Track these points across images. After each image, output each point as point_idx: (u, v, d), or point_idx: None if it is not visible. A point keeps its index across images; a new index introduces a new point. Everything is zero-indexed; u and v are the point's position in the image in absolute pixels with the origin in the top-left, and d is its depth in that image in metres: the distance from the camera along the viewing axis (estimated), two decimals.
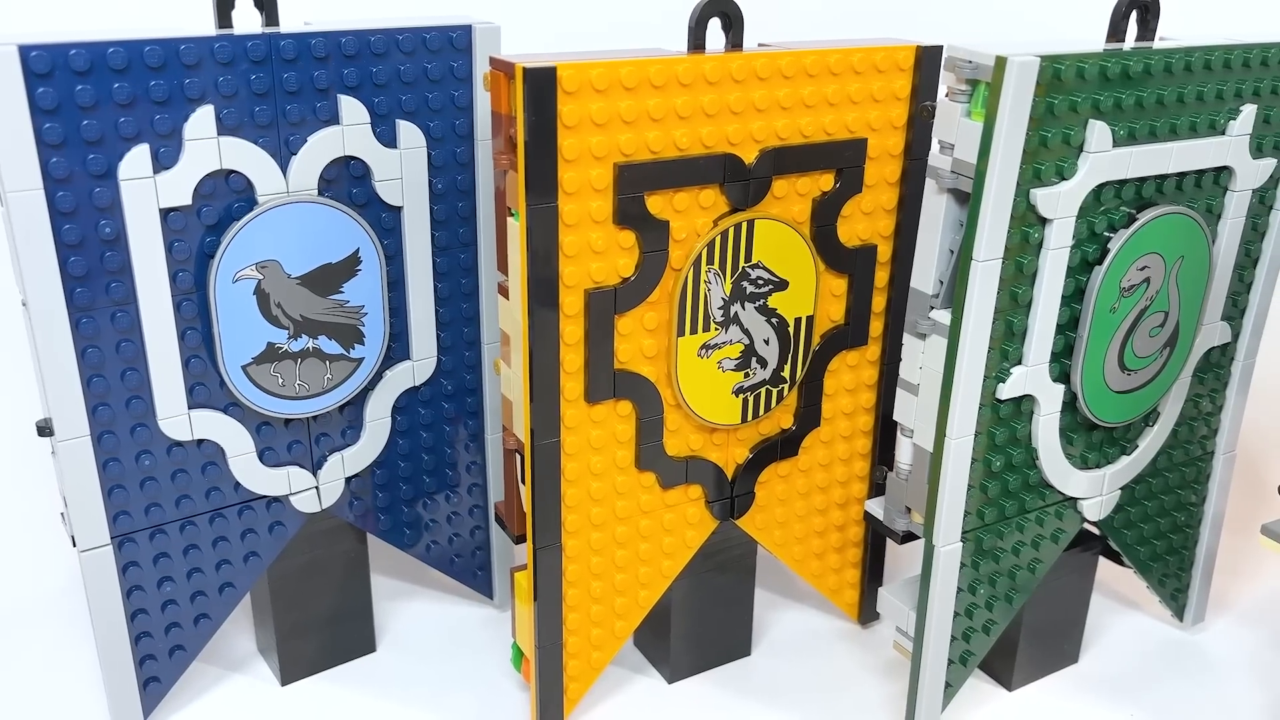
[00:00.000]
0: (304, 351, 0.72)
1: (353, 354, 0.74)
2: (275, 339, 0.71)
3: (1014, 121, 0.61)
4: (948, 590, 0.72)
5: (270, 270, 0.69)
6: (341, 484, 0.78)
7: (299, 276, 0.70)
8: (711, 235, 0.69)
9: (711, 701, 0.82)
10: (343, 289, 0.72)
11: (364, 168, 0.72)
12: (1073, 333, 0.70)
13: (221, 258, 0.68)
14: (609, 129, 0.64)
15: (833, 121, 0.71)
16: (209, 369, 0.71)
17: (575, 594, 0.74)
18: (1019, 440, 0.72)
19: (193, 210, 0.67)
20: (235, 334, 0.70)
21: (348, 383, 0.75)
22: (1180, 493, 0.83)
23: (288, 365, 0.72)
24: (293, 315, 0.71)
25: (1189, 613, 0.88)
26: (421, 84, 0.72)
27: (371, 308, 0.74)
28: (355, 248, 0.72)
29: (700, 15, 0.68)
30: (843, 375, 0.79)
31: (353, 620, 0.84)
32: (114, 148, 0.64)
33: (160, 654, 0.76)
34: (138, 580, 0.73)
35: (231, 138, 0.67)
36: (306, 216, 0.70)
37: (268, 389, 0.72)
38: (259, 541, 0.76)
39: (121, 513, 0.71)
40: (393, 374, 0.78)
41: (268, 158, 0.68)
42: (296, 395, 0.73)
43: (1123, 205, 0.68)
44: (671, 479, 0.75)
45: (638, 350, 0.70)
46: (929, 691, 0.75)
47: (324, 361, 0.73)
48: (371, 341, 0.75)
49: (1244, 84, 0.70)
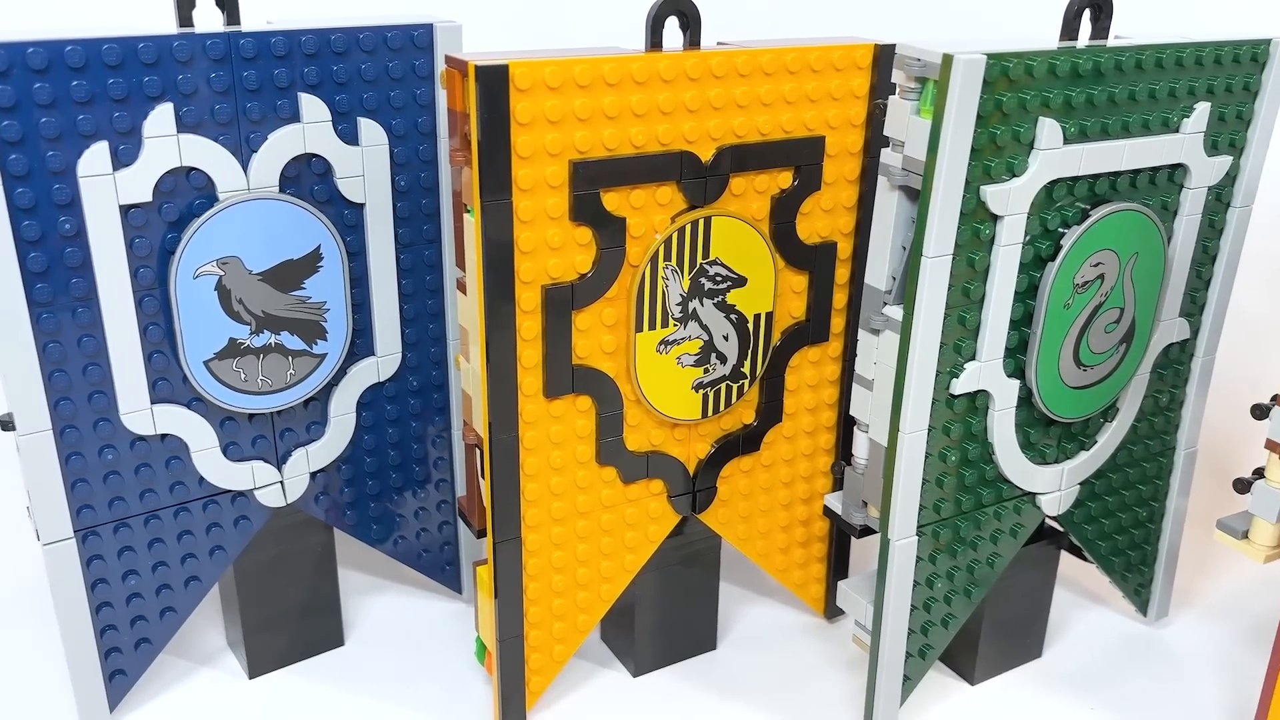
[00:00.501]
0: (266, 347, 0.73)
1: (315, 350, 0.75)
2: (237, 334, 0.72)
3: (961, 119, 0.62)
4: (904, 584, 0.73)
5: (231, 266, 0.70)
6: (306, 479, 0.78)
7: (260, 273, 0.71)
8: (669, 232, 0.70)
9: (676, 695, 0.83)
10: (304, 285, 0.73)
11: (325, 165, 0.72)
12: (1027, 328, 0.70)
13: (182, 254, 0.68)
14: (563, 126, 0.64)
15: (790, 119, 0.71)
16: (171, 364, 0.71)
17: (537, 588, 0.75)
18: (974, 435, 0.72)
19: (153, 207, 0.67)
20: (197, 329, 0.70)
21: (311, 378, 0.75)
22: (1141, 488, 0.84)
23: (250, 361, 0.72)
24: (254, 311, 0.72)
25: (1153, 608, 0.89)
26: (383, 82, 0.73)
27: (334, 304, 0.74)
28: (316, 244, 0.72)
29: (657, 14, 0.68)
30: (804, 371, 0.80)
31: (320, 614, 0.85)
32: (73, 145, 0.64)
33: (126, 647, 0.76)
34: (102, 574, 0.73)
35: (191, 135, 0.67)
36: (267, 213, 0.70)
37: (230, 384, 0.72)
38: (224, 536, 0.77)
39: (85, 507, 0.71)
40: (357, 370, 0.78)
41: (228, 155, 0.69)
42: (259, 390, 0.74)
43: (1076, 202, 0.69)
44: (632, 474, 0.75)
45: (596, 346, 0.71)
46: (887, 685, 0.76)
47: (286, 357, 0.74)
48: (334, 337, 0.75)
49: (1197, 82, 0.70)
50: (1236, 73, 0.72)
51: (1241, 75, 0.72)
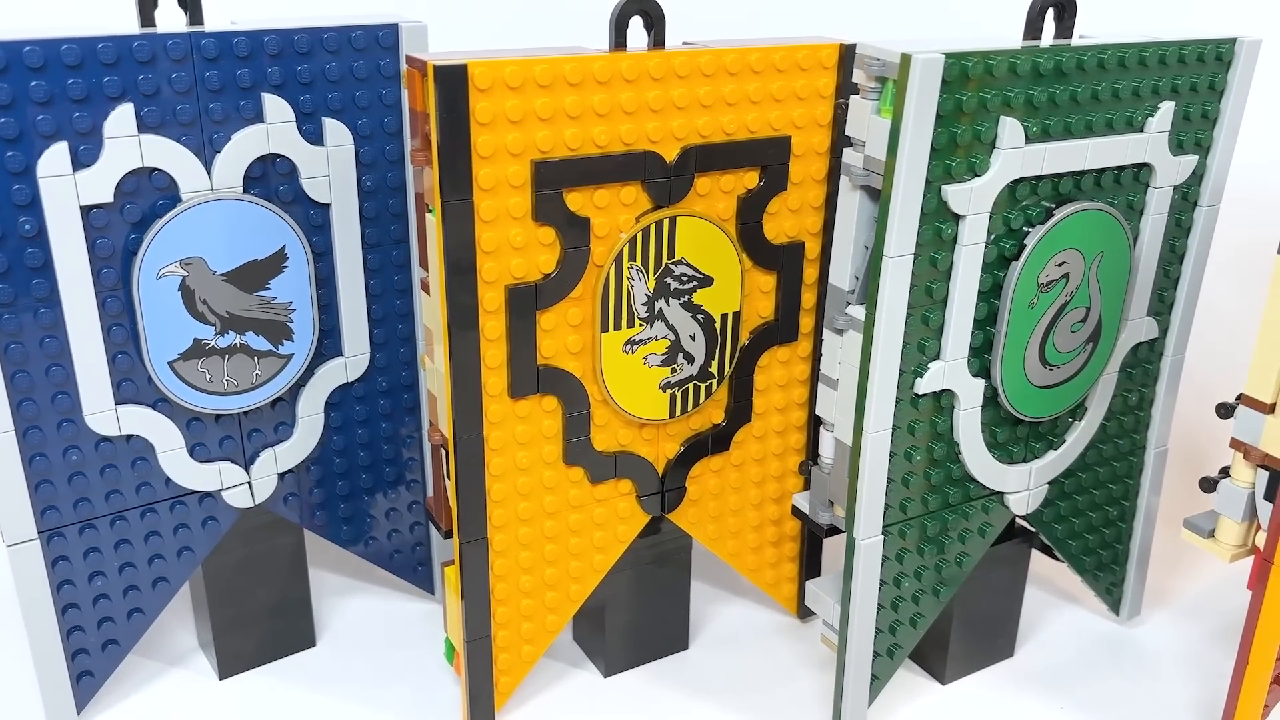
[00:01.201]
0: (231, 348, 0.73)
1: (281, 350, 0.75)
2: (202, 335, 0.71)
3: (920, 118, 0.62)
4: (870, 583, 0.73)
5: (195, 267, 0.70)
6: (275, 479, 0.78)
7: (224, 273, 0.71)
8: (634, 232, 0.70)
9: (647, 695, 0.83)
10: (270, 285, 0.73)
11: (290, 165, 0.72)
12: (992, 328, 0.70)
13: (145, 255, 0.68)
14: (524, 126, 0.64)
15: (755, 119, 0.71)
16: (135, 365, 0.71)
17: (504, 588, 0.75)
18: (940, 435, 0.72)
19: (115, 208, 0.67)
20: (161, 330, 0.70)
21: (277, 379, 0.75)
22: (1112, 487, 0.84)
23: (215, 361, 0.72)
24: (219, 311, 0.71)
25: (1125, 607, 0.89)
26: (348, 82, 0.73)
27: (300, 304, 0.74)
28: (281, 244, 0.72)
29: (621, 14, 0.68)
30: (774, 371, 0.80)
31: (291, 615, 0.84)
32: (32, 145, 0.64)
33: (93, 648, 0.76)
34: (68, 575, 0.73)
35: (153, 135, 0.67)
36: (231, 213, 0.70)
37: (195, 385, 0.72)
38: (192, 536, 0.77)
39: (49, 508, 0.71)
40: (325, 370, 0.78)
41: (191, 155, 0.69)
42: (225, 391, 0.73)
43: (1040, 201, 0.69)
44: (600, 474, 0.75)
45: (562, 346, 0.71)
46: (855, 685, 0.76)
47: (252, 358, 0.73)
48: (301, 338, 0.75)
49: (1161, 81, 0.70)
50: (1201, 72, 0.72)
51: (1206, 74, 0.72)
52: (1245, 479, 0.71)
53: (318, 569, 0.92)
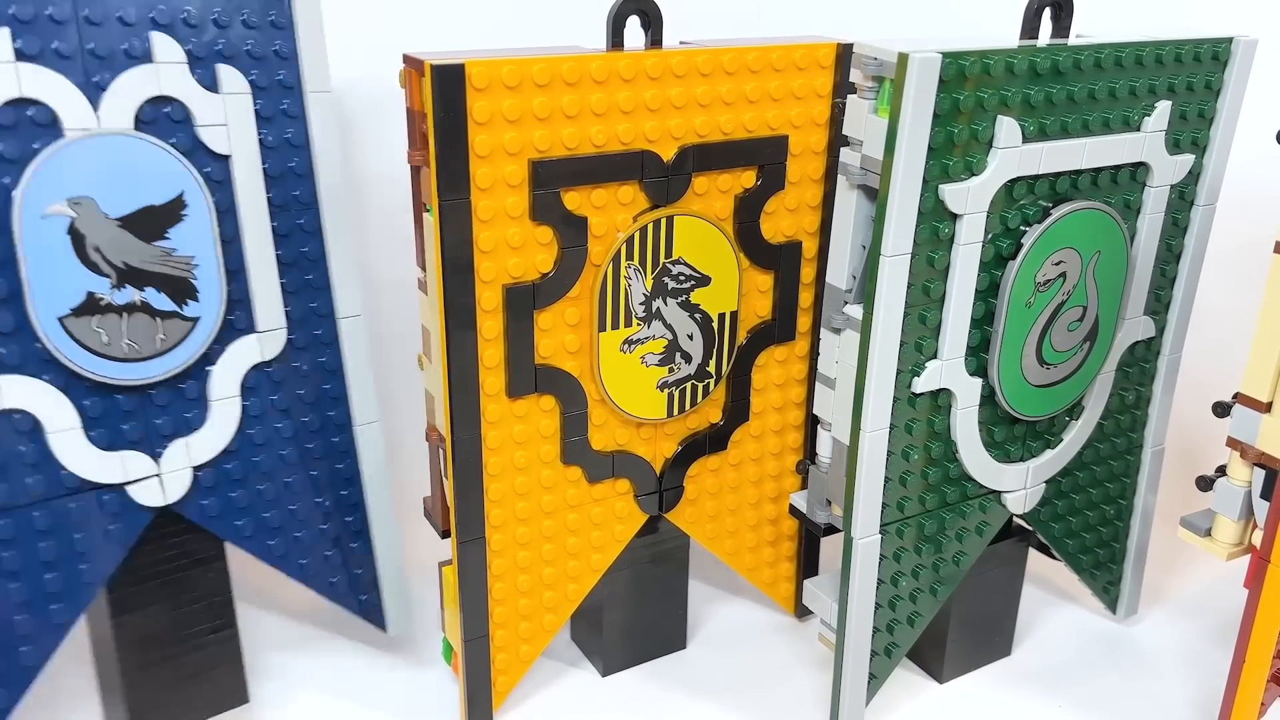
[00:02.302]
0: (130, 305, 0.65)
1: (186, 311, 0.68)
2: (96, 288, 0.64)
3: (917, 118, 0.62)
4: (868, 582, 0.73)
5: (85, 208, 0.63)
6: (189, 475, 0.70)
7: (119, 218, 0.64)
8: (631, 231, 0.70)
9: (645, 695, 0.83)
10: (169, 235, 0.66)
11: (184, 111, 0.66)
12: (989, 327, 0.70)
13: (26, 190, 0.61)
14: (522, 125, 0.64)
15: (753, 119, 0.72)
16: (19, 323, 0.63)
17: (502, 588, 0.75)
18: (938, 434, 0.72)
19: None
20: (48, 281, 0.63)
21: (184, 345, 0.68)
22: (1109, 486, 0.84)
23: (112, 320, 0.65)
24: (114, 262, 0.65)
25: (1122, 605, 0.89)
26: (237, 28, 0.67)
27: (204, 259, 0.67)
28: (179, 190, 0.66)
29: (618, 13, 0.68)
30: (771, 370, 0.80)
31: (221, 668, 0.77)
32: None
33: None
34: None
35: (32, 65, 0.61)
36: (123, 151, 0.64)
37: (90, 346, 0.65)
38: (93, 546, 0.67)
39: None
40: (237, 347, 0.71)
41: (74, 89, 0.62)
42: (125, 356, 0.66)
43: (1037, 200, 0.69)
44: (598, 473, 0.75)
45: (559, 345, 0.71)
46: (852, 683, 0.76)
47: (154, 318, 0.67)
48: (207, 299, 0.68)
49: (1158, 80, 0.70)
50: (1198, 71, 0.72)
51: (1203, 73, 0.72)
52: (1242, 477, 0.71)
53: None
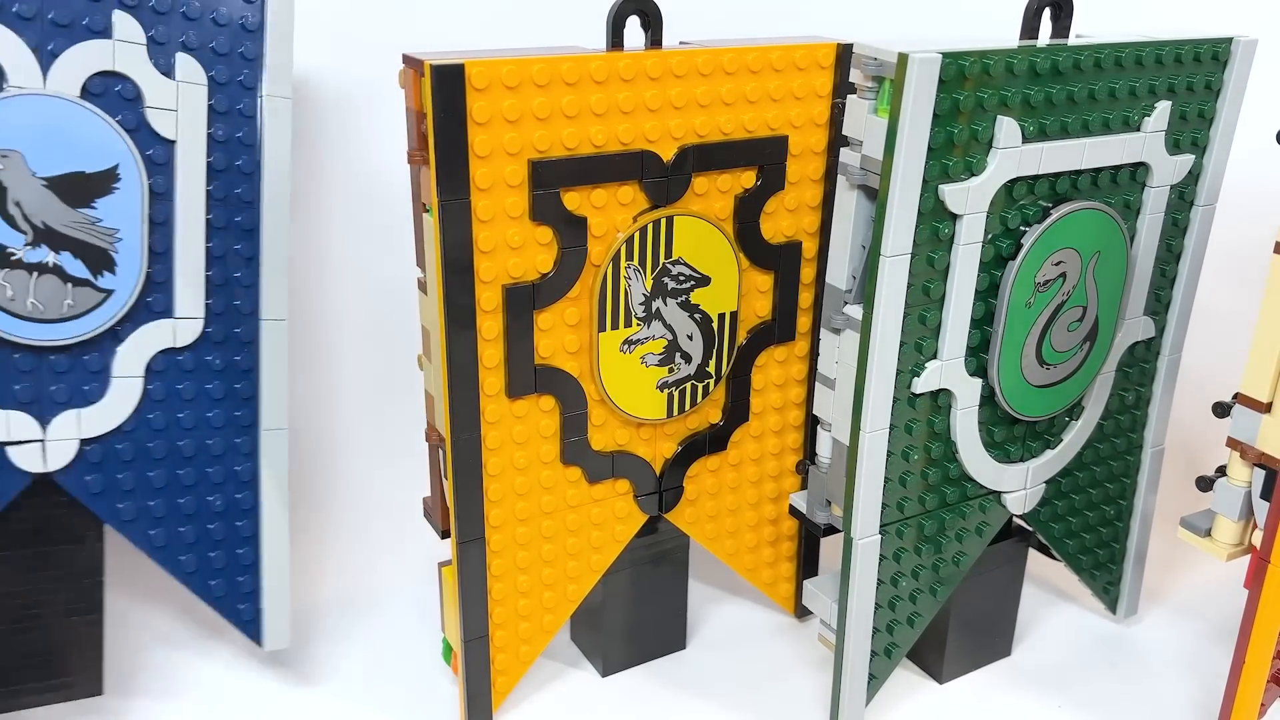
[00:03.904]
0: (42, 265, 0.65)
1: (100, 282, 0.67)
2: (9, 242, 0.65)
3: (917, 118, 0.62)
4: (867, 582, 0.73)
5: (11, 161, 0.63)
6: (75, 445, 0.69)
7: (46, 178, 0.65)
8: (631, 231, 0.70)
9: (645, 695, 0.83)
10: (95, 205, 0.66)
11: (135, 90, 0.67)
12: (989, 327, 0.70)
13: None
14: (521, 125, 0.64)
15: (753, 119, 0.72)
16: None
17: (501, 588, 0.75)
18: (938, 434, 0.72)
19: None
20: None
21: (92, 315, 0.67)
22: (1109, 487, 0.84)
23: (20, 276, 0.65)
24: (33, 220, 0.65)
25: (1122, 606, 0.89)
26: (206, 24, 0.68)
27: (128, 234, 0.67)
28: (115, 163, 0.66)
29: (618, 13, 0.68)
30: (771, 370, 0.80)
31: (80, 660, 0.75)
32: None
33: None
34: None
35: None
36: (62, 114, 0.64)
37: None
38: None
39: None
40: (150, 328, 0.70)
41: (25, 49, 0.63)
42: (27, 315, 0.66)
43: (1036, 200, 0.69)
44: (598, 473, 0.75)
45: (559, 345, 0.71)
46: (852, 683, 0.76)
47: (66, 283, 0.66)
48: (125, 273, 0.68)
49: (1158, 81, 0.70)
50: (1198, 71, 0.72)
51: (1203, 74, 0.72)
52: (1242, 478, 0.71)
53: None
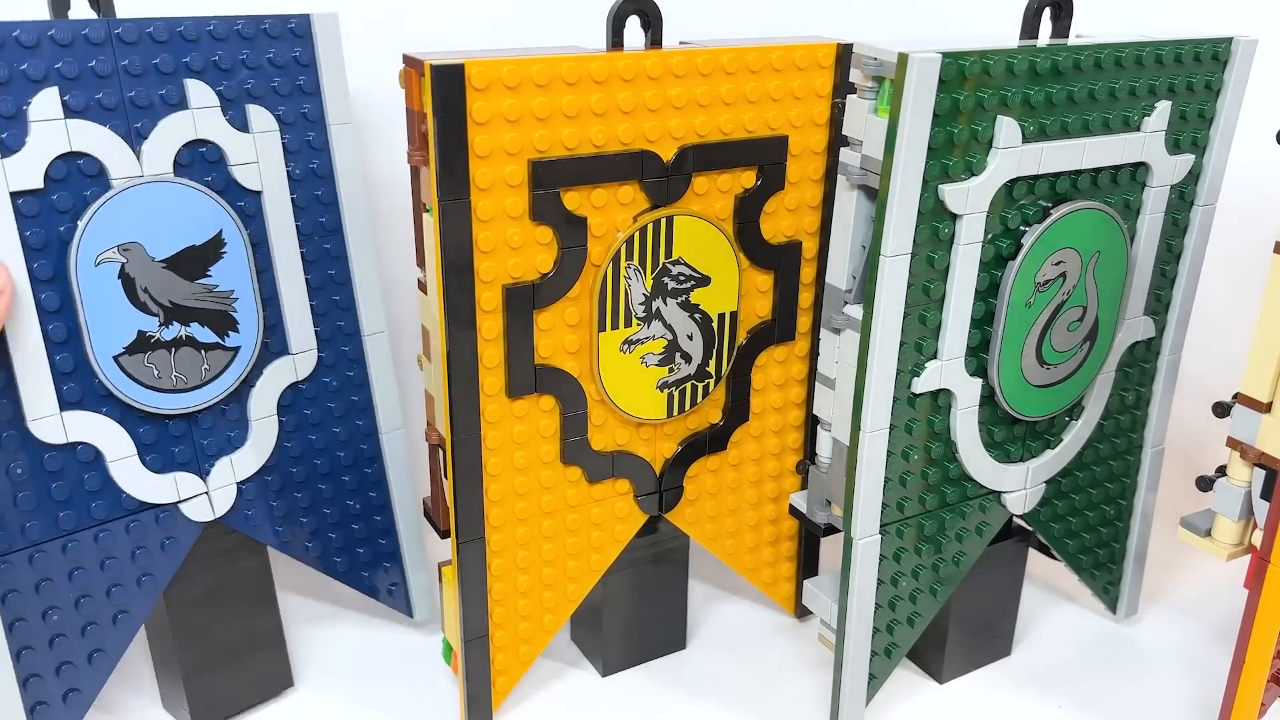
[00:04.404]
0: (177, 340, 0.70)
1: (228, 342, 0.72)
2: (146, 327, 0.69)
3: (917, 118, 0.62)
4: (867, 582, 0.73)
5: (134, 253, 0.67)
6: (233, 489, 0.75)
7: (164, 259, 0.68)
8: (631, 231, 0.70)
9: (644, 694, 0.83)
10: (210, 273, 0.70)
11: (218, 152, 0.70)
12: (989, 327, 0.70)
13: (80, 241, 0.65)
14: (522, 126, 0.64)
15: (753, 119, 0.71)
16: (79, 363, 0.67)
17: (501, 588, 0.75)
18: (938, 434, 0.72)
19: (45, 194, 0.64)
20: (103, 323, 0.67)
21: (227, 373, 0.72)
22: (1109, 487, 0.84)
23: (161, 355, 0.69)
24: (161, 301, 0.69)
25: (1121, 606, 0.89)
26: (266, 69, 0.71)
27: (242, 292, 0.72)
28: (218, 229, 0.70)
29: (618, 14, 0.68)
30: (771, 370, 0.80)
31: (264, 653, 0.80)
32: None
33: (53, 699, 0.70)
34: (19, 611, 0.68)
35: (80, 120, 0.65)
36: (165, 197, 0.68)
37: (143, 381, 0.69)
38: (152, 560, 0.72)
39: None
40: (273, 368, 0.75)
41: (119, 140, 0.66)
42: (174, 387, 0.70)
43: (1036, 200, 0.69)
44: (598, 473, 0.75)
45: (559, 345, 0.71)
46: (852, 683, 0.76)
47: (199, 351, 0.71)
48: (246, 329, 0.73)
49: (1158, 81, 0.70)
50: (1198, 71, 0.72)
51: (1203, 74, 0.72)
52: (1242, 478, 0.71)
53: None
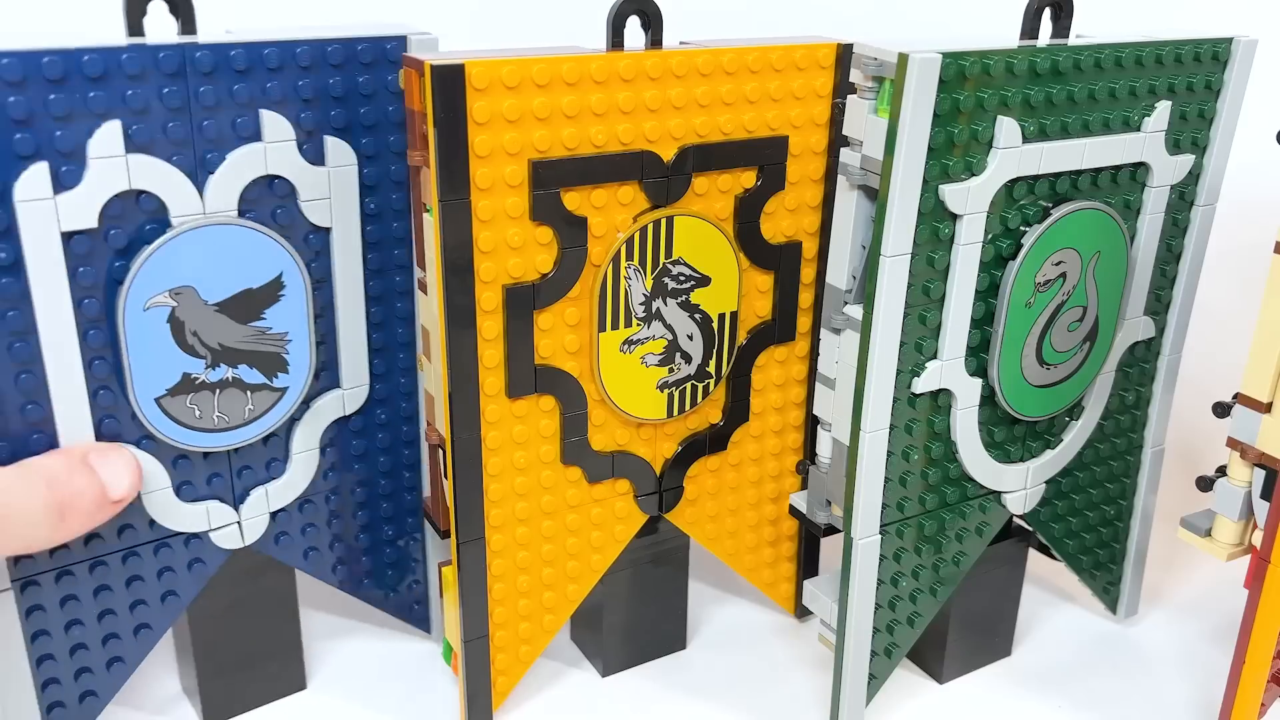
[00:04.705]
0: (223, 381, 0.68)
1: (276, 383, 0.70)
2: (191, 369, 0.66)
3: (917, 118, 0.62)
4: (867, 582, 0.73)
5: (185, 297, 0.65)
6: (266, 519, 0.73)
7: (217, 303, 0.66)
8: (631, 232, 0.70)
9: (645, 695, 0.83)
10: (265, 315, 0.68)
11: (289, 187, 0.67)
12: (989, 327, 0.70)
13: (132, 284, 0.63)
14: (522, 126, 0.64)
15: (753, 119, 0.71)
16: (119, 401, 0.65)
17: (502, 588, 0.75)
18: (937, 434, 0.72)
19: (99, 233, 0.62)
20: (147, 364, 0.65)
21: (271, 413, 0.70)
22: (1109, 487, 0.84)
23: (205, 396, 0.67)
24: (210, 344, 0.66)
25: (1122, 606, 0.89)
26: (353, 99, 0.68)
27: (296, 335, 0.69)
28: (278, 272, 0.67)
29: (618, 14, 0.68)
30: (771, 371, 0.80)
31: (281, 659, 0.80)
32: (9, 166, 0.58)
33: (70, 701, 0.71)
34: (43, 625, 0.68)
35: (142, 155, 0.62)
36: (225, 239, 0.65)
37: (184, 422, 0.67)
38: (177, 580, 0.72)
39: (23, 555, 0.65)
40: (321, 404, 0.73)
41: (182, 177, 0.63)
42: (215, 427, 0.68)
43: (1037, 201, 0.69)
44: (598, 474, 0.75)
45: (559, 345, 0.71)
46: (852, 683, 0.76)
47: (245, 391, 0.69)
48: (296, 370, 0.70)
49: (1158, 81, 0.70)
50: (1198, 71, 0.72)
51: (1203, 74, 0.72)
52: (1242, 478, 0.71)
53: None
